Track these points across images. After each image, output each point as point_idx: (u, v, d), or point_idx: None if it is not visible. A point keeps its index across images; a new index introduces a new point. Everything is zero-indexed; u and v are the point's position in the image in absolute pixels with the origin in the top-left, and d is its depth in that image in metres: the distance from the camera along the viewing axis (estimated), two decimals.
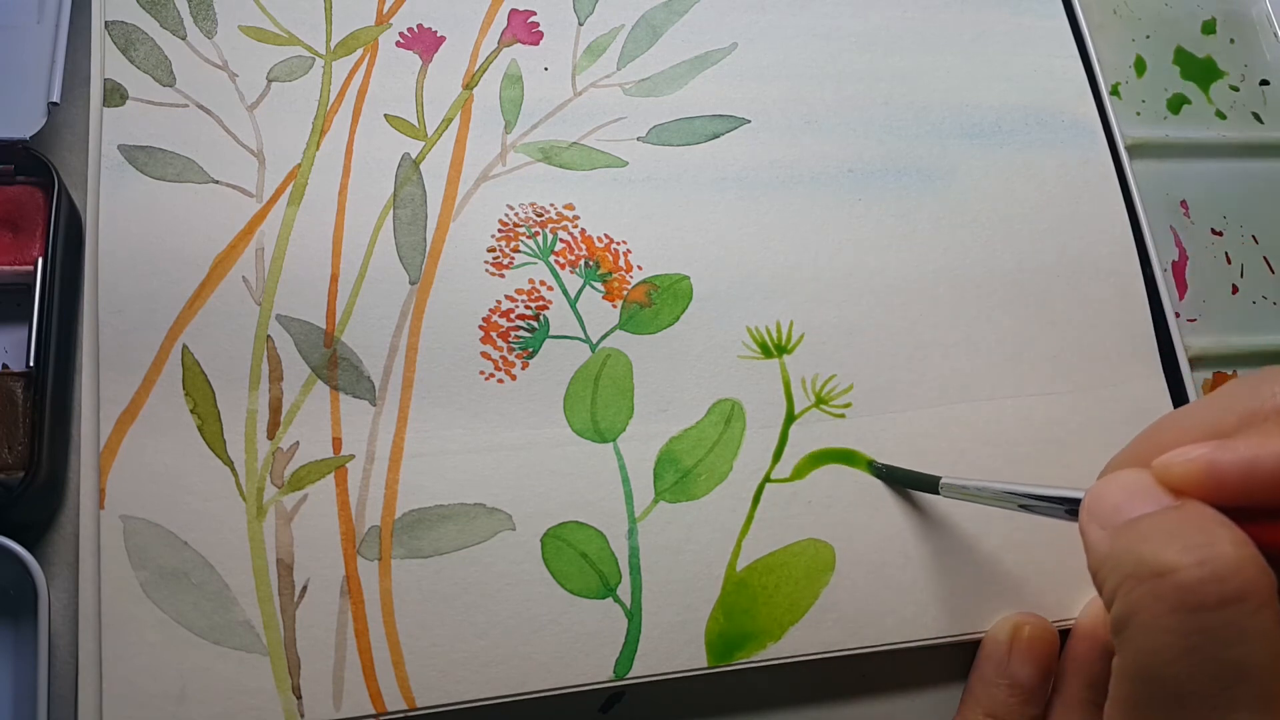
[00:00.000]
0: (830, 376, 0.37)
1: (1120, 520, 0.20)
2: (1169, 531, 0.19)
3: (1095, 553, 0.21)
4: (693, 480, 0.35)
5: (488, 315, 0.36)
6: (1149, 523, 0.20)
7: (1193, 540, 0.19)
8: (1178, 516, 0.20)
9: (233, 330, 0.34)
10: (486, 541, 0.33)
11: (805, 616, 0.34)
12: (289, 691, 0.31)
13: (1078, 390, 0.39)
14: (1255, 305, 0.43)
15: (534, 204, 0.37)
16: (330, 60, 0.38)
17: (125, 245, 0.34)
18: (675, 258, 0.38)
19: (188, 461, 0.32)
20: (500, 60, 0.39)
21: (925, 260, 0.39)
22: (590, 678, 0.32)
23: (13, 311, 0.35)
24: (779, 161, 0.40)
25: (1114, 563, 0.20)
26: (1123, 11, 0.47)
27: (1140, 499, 0.20)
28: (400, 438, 0.34)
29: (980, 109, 0.42)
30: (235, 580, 0.32)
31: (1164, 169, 0.45)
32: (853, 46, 0.43)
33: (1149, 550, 0.19)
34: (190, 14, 0.38)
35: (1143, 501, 0.20)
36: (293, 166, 0.36)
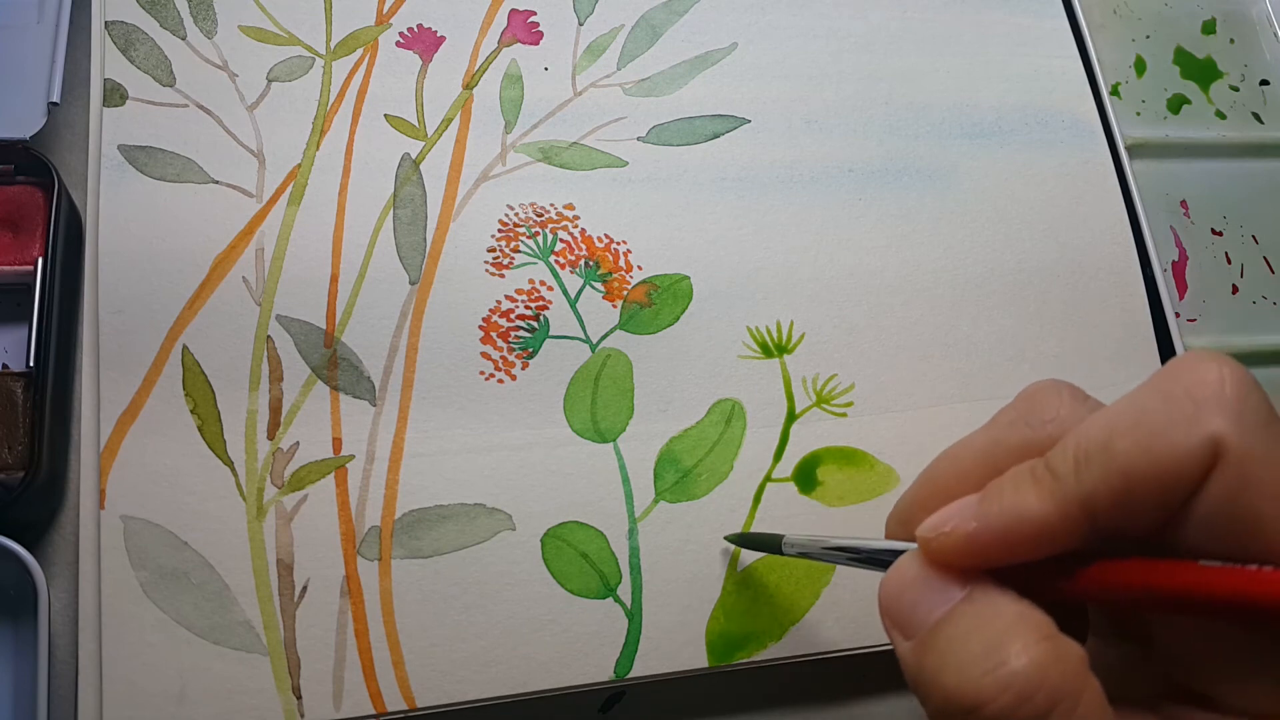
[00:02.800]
0: (831, 376, 0.37)
1: (917, 628, 0.20)
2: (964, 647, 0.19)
3: (905, 668, 0.20)
4: (693, 480, 0.35)
5: (488, 315, 0.36)
6: (945, 640, 0.19)
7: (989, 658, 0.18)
8: (966, 625, 0.19)
9: (233, 330, 0.34)
10: (486, 541, 0.33)
11: (805, 616, 0.34)
12: (289, 691, 0.31)
13: None
14: (1255, 305, 0.43)
15: (534, 204, 0.37)
16: (330, 60, 0.38)
17: (125, 245, 0.34)
18: (675, 258, 0.38)
19: (188, 461, 0.32)
20: (500, 60, 0.39)
21: (925, 260, 0.39)
22: (590, 678, 0.32)
23: (13, 311, 0.35)
24: (779, 161, 0.40)
25: (924, 691, 0.20)
26: (1123, 11, 0.47)
27: (928, 595, 0.20)
28: (400, 438, 0.34)
29: (980, 109, 0.42)
30: (235, 580, 0.32)
31: (1164, 169, 0.45)
32: (853, 46, 0.43)
33: (952, 683, 0.19)
34: (190, 14, 0.38)
35: (930, 599, 0.20)
36: (293, 166, 0.36)
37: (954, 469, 0.22)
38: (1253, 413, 0.18)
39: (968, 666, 0.19)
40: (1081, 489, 0.19)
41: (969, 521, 0.20)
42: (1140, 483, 0.18)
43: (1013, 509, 0.19)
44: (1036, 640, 0.18)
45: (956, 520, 0.20)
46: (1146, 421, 0.18)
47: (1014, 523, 0.19)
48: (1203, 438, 0.18)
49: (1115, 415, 0.19)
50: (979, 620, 0.19)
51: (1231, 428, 0.18)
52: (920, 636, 0.20)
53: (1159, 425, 0.18)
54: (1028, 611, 0.19)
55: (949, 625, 0.20)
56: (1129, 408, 0.19)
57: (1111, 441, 0.19)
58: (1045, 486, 0.19)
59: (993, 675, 0.18)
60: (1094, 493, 0.19)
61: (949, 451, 0.23)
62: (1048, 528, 0.19)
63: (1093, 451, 0.19)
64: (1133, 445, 0.18)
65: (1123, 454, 0.18)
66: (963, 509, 0.20)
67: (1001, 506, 0.20)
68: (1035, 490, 0.19)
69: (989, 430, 0.22)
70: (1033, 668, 0.18)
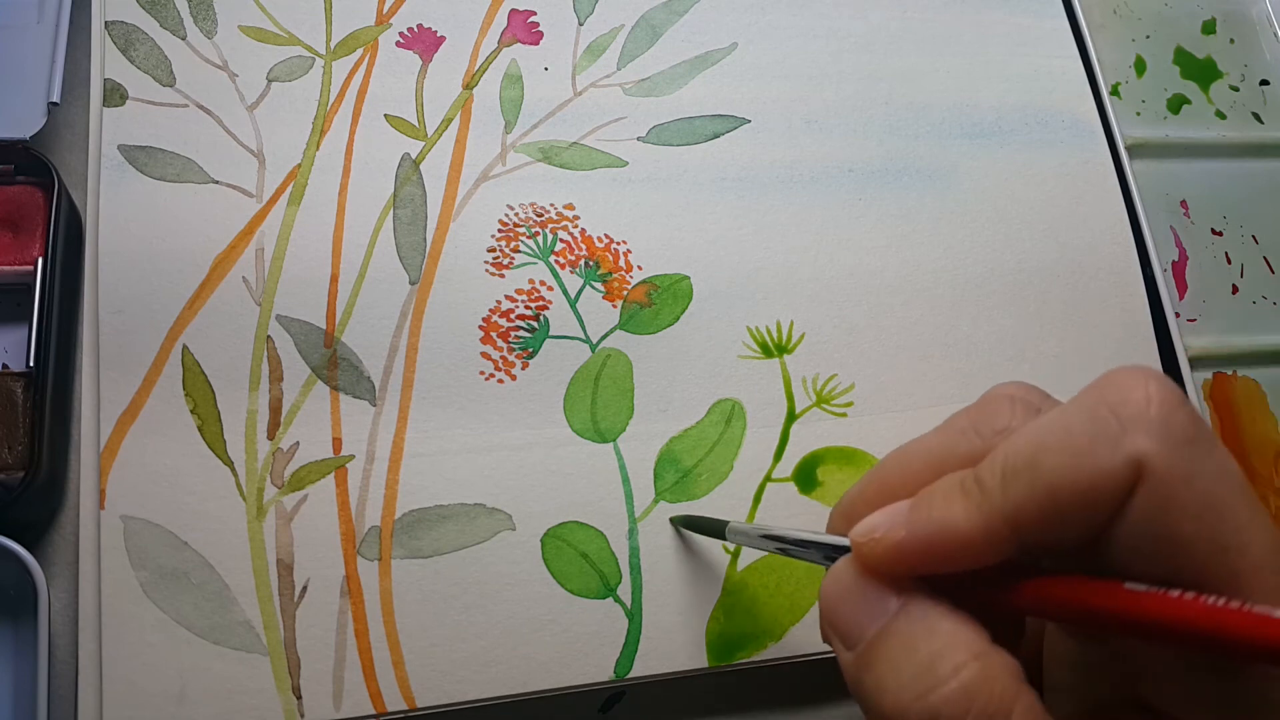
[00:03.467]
0: (831, 376, 0.37)
1: (855, 640, 0.20)
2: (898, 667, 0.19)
3: (847, 679, 0.21)
4: (693, 480, 0.35)
5: (488, 315, 0.36)
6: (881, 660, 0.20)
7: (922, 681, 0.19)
8: (900, 643, 0.20)
9: (233, 330, 0.34)
10: (486, 541, 0.33)
11: (805, 616, 0.34)
12: (289, 691, 0.31)
13: (1078, 390, 0.38)
14: (1255, 305, 0.43)
15: (534, 204, 0.37)
16: (330, 60, 0.38)
17: (125, 245, 0.34)
18: (675, 258, 0.38)
19: (188, 461, 0.32)
20: (500, 60, 0.39)
21: (925, 260, 0.39)
22: (590, 678, 0.32)
23: (13, 311, 0.35)
24: (779, 161, 0.40)
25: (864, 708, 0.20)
26: (1123, 11, 0.47)
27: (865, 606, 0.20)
28: (400, 438, 0.34)
29: (980, 109, 0.42)
30: (235, 580, 0.32)
31: (1164, 169, 0.45)
32: (853, 46, 0.43)
33: (889, 706, 0.19)
34: (190, 14, 0.38)
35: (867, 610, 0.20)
36: (293, 166, 0.36)
37: (901, 470, 0.22)
38: (1178, 432, 0.18)
39: (903, 688, 0.19)
40: (1007, 504, 0.19)
41: (898, 529, 0.20)
42: (1064, 500, 0.18)
43: (940, 520, 0.20)
44: (967, 660, 0.19)
45: (886, 527, 0.20)
46: (1072, 439, 0.18)
47: (940, 534, 0.19)
48: (1125, 457, 0.18)
49: (1043, 431, 0.19)
50: (912, 639, 0.19)
51: (1155, 447, 0.18)
52: (859, 651, 0.20)
53: (1083, 443, 0.18)
54: (959, 628, 0.19)
55: (884, 644, 0.20)
56: (1056, 424, 0.19)
57: (1037, 458, 0.19)
58: (972, 500, 0.19)
59: (926, 700, 0.18)
60: (1019, 508, 0.19)
61: (900, 450, 0.23)
62: (973, 541, 0.19)
63: (1019, 467, 0.19)
64: (1057, 462, 0.18)
65: (1048, 471, 0.18)
66: (893, 515, 0.20)
67: (930, 516, 0.20)
68: (963, 503, 0.19)
69: (941, 434, 0.22)
70: (962, 690, 0.18)
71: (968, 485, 0.20)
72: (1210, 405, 0.41)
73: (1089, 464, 0.18)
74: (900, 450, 0.23)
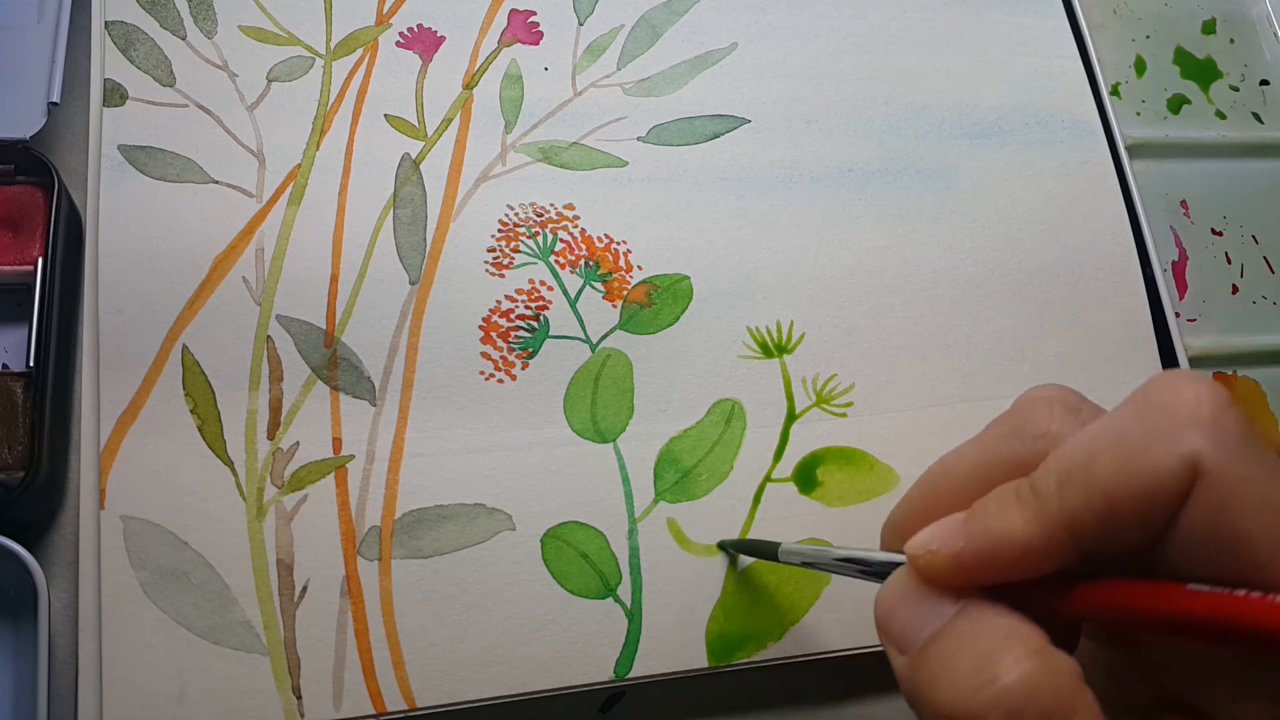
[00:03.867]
0: (831, 376, 0.37)
1: (910, 644, 0.20)
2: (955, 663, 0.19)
3: (901, 684, 0.21)
4: (693, 480, 0.35)
5: (488, 315, 0.36)
6: (936, 657, 0.20)
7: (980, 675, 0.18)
8: (957, 641, 0.19)
9: (233, 330, 0.34)
10: (486, 541, 0.33)
11: (805, 616, 0.34)
12: (289, 691, 0.31)
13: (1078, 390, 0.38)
14: (1255, 305, 0.43)
15: (534, 204, 0.37)
16: (330, 60, 0.38)
17: (125, 245, 0.34)
18: (675, 258, 0.38)
19: (188, 461, 0.32)
20: (500, 60, 0.39)
21: (925, 260, 0.39)
22: (590, 678, 0.32)
23: (13, 311, 0.35)
24: (779, 161, 0.40)
25: (919, 707, 0.20)
26: (1123, 11, 0.47)
27: (920, 612, 0.20)
28: (400, 438, 0.34)
29: (980, 109, 0.42)
30: (235, 580, 0.32)
31: (1164, 169, 0.45)
32: (853, 46, 0.43)
33: (945, 699, 0.19)
34: (190, 14, 0.38)
35: (923, 615, 0.20)
36: (293, 166, 0.36)
37: (946, 481, 0.22)
38: (1230, 431, 0.18)
39: (960, 683, 0.19)
40: (1064, 510, 0.19)
41: (955, 541, 0.20)
42: (1122, 503, 0.18)
43: (998, 530, 0.20)
44: (1027, 655, 0.18)
45: (943, 539, 0.20)
46: (1125, 441, 0.18)
47: (999, 544, 0.19)
48: (1181, 456, 0.18)
49: (1095, 435, 0.19)
50: (970, 636, 0.19)
51: (1209, 446, 0.18)
52: (914, 652, 0.20)
53: (1137, 444, 0.18)
54: (1018, 626, 0.19)
55: (941, 641, 0.20)
56: (1109, 427, 0.19)
57: (1092, 462, 0.19)
58: (1029, 508, 0.19)
59: (984, 691, 0.18)
60: (1077, 513, 0.19)
61: (942, 462, 0.23)
62: (1032, 549, 0.19)
63: (1074, 472, 0.19)
64: (1113, 465, 0.18)
65: (1103, 474, 0.18)
66: (949, 528, 0.20)
67: (987, 527, 0.20)
68: (1020, 511, 0.19)
69: (981, 443, 0.22)
70: (1023, 683, 0.18)
71: (1023, 494, 0.20)
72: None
73: (1145, 465, 0.18)
74: (941, 463, 0.23)
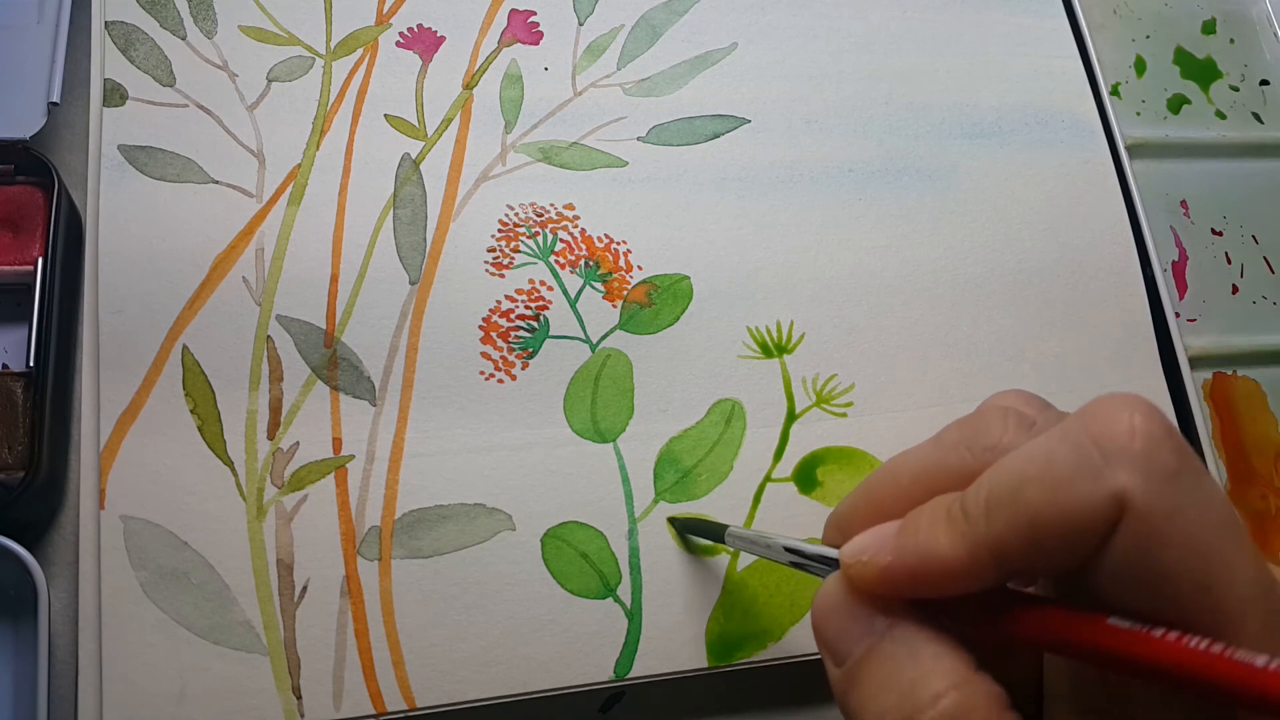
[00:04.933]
0: (831, 376, 0.37)
1: (843, 656, 0.21)
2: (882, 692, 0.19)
3: (835, 695, 0.21)
4: (693, 480, 0.35)
5: (488, 315, 0.36)
6: (866, 680, 0.20)
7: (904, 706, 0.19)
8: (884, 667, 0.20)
9: (233, 330, 0.34)
10: (486, 541, 0.33)
11: (805, 616, 0.34)
12: (289, 691, 0.31)
13: (1078, 390, 0.39)
14: (1255, 305, 0.43)
15: (534, 204, 0.37)
16: (330, 60, 0.38)
17: (125, 245, 0.34)
18: (675, 258, 0.38)
19: (188, 461, 0.32)
20: (500, 60, 0.39)
21: (925, 260, 0.39)
22: (590, 678, 0.32)
23: (13, 311, 0.35)
24: (779, 161, 0.40)
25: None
26: (1123, 11, 0.47)
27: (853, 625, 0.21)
28: (400, 438, 0.34)
29: (980, 109, 0.42)
30: (235, 580, 0.32)
31: (1164, 169, 0.45)
32: (853, 46, 0.43)
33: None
34: (190, 14, 0.38)
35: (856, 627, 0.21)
36: (293, 166, 0.36)
37: (892, 484, 0.22)
38: (1160, 466, 0.18)
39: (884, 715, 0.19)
40: (990, 534, 0.19)
41: (885, 554, 0.20)
42: (1047, 533, 0.18)
43: (925, 548, 0.20)
44: (946, 689, 0.19)
45: (874, 550, 0.20)
46: (1054, 471, 0.18)
47: (925, 561, 0.20)
48: (1108, 492, 0.18)
49: (1026, 461, 0.19)
50: (895, 662, 0.20)
51: (1138, 481, 0.18)
52: (846, 668, 0.20)
53: (1065, 476, 0.18)
54: (943, 654, 0.19)
55: (870, 663, 0.20)
56: (1040, 454, 0.19)
57: (1020, 489, 0.19)
58: (957, 528, 0.19)
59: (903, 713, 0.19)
60: (1002, 539, 0.19)
61: (891, 464, 0.23)
62: (957, 570, 0.19)
63: (1002, 498, 0.19)
64: (1040, 495, 0.18)
65: (1030, 503, 0.18)
66: (881, 538, 0.20)
67: (916, 543, 0.20)
68: (947, 531, 0.19)
69: (932, 449, 0.22)
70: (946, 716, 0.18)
71: (953, 513, 0.20)
72: (1210, 405, 0.41)
73: (1070, 498, 0.18)
74: (892, 463, 0.23)
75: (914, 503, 0.21)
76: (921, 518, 0.20)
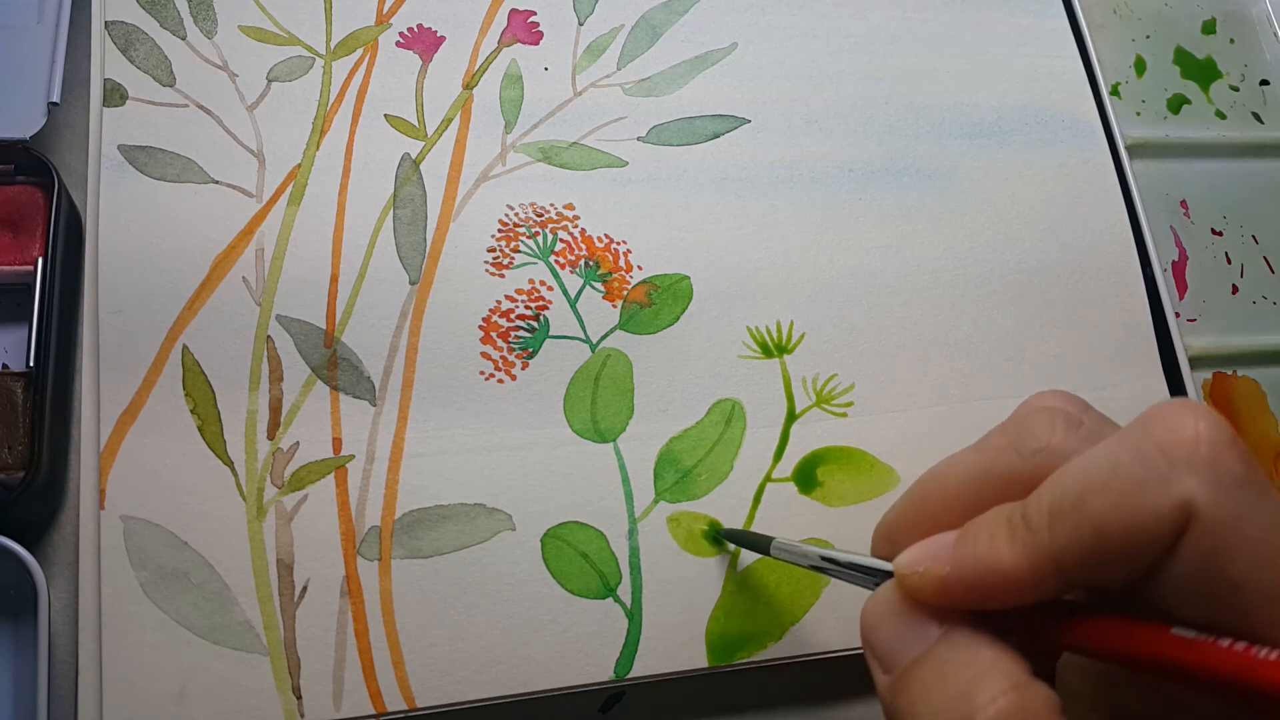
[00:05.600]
0: (831, 376, 0.37)
1: (893, 663, 0.20)
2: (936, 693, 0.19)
3: (882, 701, 0.21)
4: (693, 480, 0.35)
5: (488, 315, 0.36)
6: (918, 682, 0.20)
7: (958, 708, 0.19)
8: (938, 670, 0.19)
9: (233, 330, 0.34)
10: (486, 541, 0.33)
11: (806, 616, 0.34)
12: (289, 691, 0.31)
13: (1078, 390, 0.38)
14: (1255, 305, 0.43)
15: (534, 204, 0.37)
16: (330, 60, 0.38)
17: (125, 245, 0.34)
18: (675, 258, 0.38)
19: (188, 461, 0.32)
20: (500, 60, 0.39)
21: (925, 260, 0.39)
22: (590, 678, 0.32)
23: (13, 311, 0.35)
24: (779, 161, 0.40)
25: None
26: (1123, 11, 0.47)
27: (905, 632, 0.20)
28: (400, 438, 0.34)
29: (980, 109, 0.42)
30: (235, 580, 0.32)
31: (1164, 169, 0.45)
32: (853, 46, 0.43)
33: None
34: (190, 14, 0.38)
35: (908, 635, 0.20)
36: (293, 166, 0.36)
37: (940, 490, 0.22)
38: (1227, 474, 0.18)
39: (936, 715, 0.19)
40: (1054, 545, 0.19)
41: (943, 565, 0.20)
42: (1111, 543, 0.18)
43: (986, 559, 0.19)
44: (1004, 690, 0.18)
45: (931, 561, 0.20)
46: (1119, 479, 0.18)
47: (986, 573, 0.19)
48: (1174, 500, 0.17)
49: (1089, 469, 0.19)
50: (951, 666, 0.19)
51: (1204, 490, 0.17)
52: (896, 674, 0.20)
53: (1131, 484, 0.18)
54: (999, 658, 0.19)
55: (922, 667, 0.20)
56: (1104, 461, 0.19)
57: (1084, 498, 0.18)
58: (1019, 539, 0.19)
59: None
60: (1065, 549, 0.18)
61: (937, 471, 0.23)
62: (1019, 581, 0.19)
63: (1066, 507, 0.19)
64: (1105, 504, 0.18)
65: (1094, 512, 0.18)
66: (938, 549, 0.20)
67: (975, 554, 0.20)
68: (1009, 541, 0.19)
69: (978, 454, 0.22)
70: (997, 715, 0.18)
71: (1014, 523, 0.19)
72: (1210, 405, 0.41)
73: (1137, 506, 0.18)
74: (937, 470, 0.23)
75: (964, 510, 0.21)
76: (981, 528, 0.20)
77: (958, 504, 0.21)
